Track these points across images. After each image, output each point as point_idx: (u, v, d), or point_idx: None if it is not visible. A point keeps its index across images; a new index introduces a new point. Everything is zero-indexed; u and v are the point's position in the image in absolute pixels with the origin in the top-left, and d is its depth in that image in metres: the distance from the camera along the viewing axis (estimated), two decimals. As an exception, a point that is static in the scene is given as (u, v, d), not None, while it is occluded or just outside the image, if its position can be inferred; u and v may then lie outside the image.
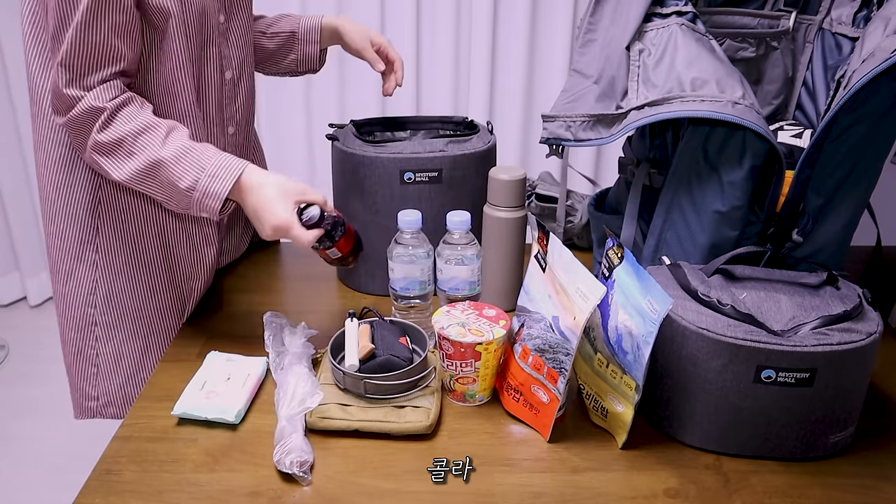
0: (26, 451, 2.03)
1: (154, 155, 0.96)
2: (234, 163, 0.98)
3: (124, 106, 0.98)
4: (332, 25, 1.29)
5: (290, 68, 1.34)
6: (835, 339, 0.83)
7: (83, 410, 1.20)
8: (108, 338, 1.15)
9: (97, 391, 1.18)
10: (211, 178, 0.96)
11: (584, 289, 0.85)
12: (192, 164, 0.96)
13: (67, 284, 1.13)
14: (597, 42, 1.09)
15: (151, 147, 0.97)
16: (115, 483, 0.85)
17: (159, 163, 0.96)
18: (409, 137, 1.32)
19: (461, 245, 1.07)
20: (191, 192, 0.97)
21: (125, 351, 1.17)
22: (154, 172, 0.97)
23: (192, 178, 0.96)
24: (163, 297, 1.17)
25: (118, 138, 0.97)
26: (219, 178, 0.96)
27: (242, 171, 0.98)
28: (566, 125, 1.04)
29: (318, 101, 2.37)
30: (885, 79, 0.90)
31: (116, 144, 0.97)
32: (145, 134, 0.97)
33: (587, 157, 2.43)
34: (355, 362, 0.95)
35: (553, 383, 0.90)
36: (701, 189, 1.01)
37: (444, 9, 2.25)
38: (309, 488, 0.84)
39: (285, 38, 1.29)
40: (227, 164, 0.97)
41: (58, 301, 1.17)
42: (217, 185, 0.96)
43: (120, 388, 1.18)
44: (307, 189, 1.00)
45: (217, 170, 0.97)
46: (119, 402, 1.19)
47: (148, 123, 0.98)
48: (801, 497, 0.84)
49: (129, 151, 0.97)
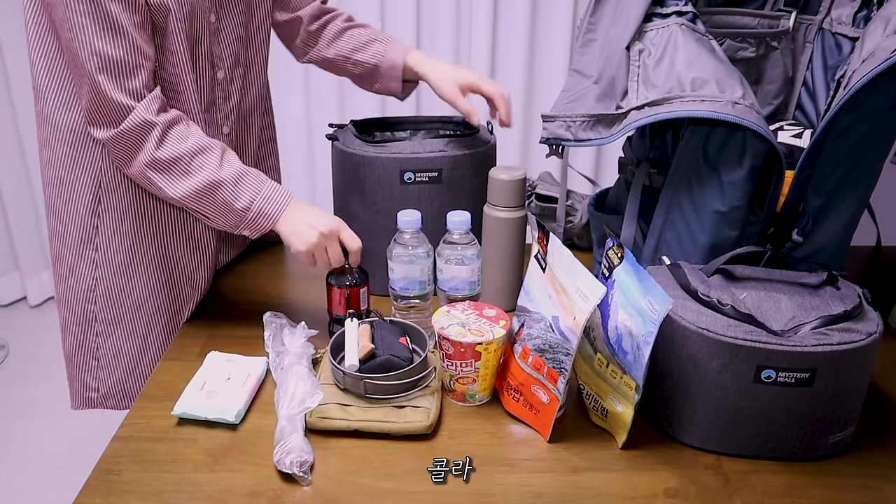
0: (26, 451, 2.03)
1: (214, 176, 1.00)
2: (283, 189, 1.05)
3: (176, 123, 1.01)
4: (416, 68, 1.25)
5: (379, 92, 1.33)
6: (835, 339, 0.83)
7: (83, 401, 1.22)
8: (108, 333, 1.17)
9: (98, 383, 1.20)
10: (265, 201, 1.03)
11: (584, 289, 0.85)
12: (248, 186, 1.02)
13: (69, 280, 1.15)
14: (597, 42, 1.09)
15: (210, 167, 1.01)
16: (115, 483, 0.85)
17: (219, 184, 1.01)
18: (409, 137, 1.32)
19: (461, 245, 1.07)
20: (245, 213, 1.03)
21: (124, 347, 1.18)
22: (211, 192, 1.01)
23: (248, 199, 1.02)
24: (162, 296, 1.17)
25: (176, 156, 1.00)
26: (272, 202, 1.03)
27: (292, 197, 1.05)
28: (566, 125, 1.04)
29: (318, 101, 2.36)
30: (885, 79, 0.90)
31: (173, 162, 1.00)
32: (202, 154, 1.01)
33: (587, 157, 2.43)
34: (355, 362, 0.95)
35: (553, 383, 0.90)
36: (701, 189, 1.01)
37: (444, 9, 2.25)
38: (309, 488, 0.84)
39: (369, 70, 1.28)
40: (280, 189, 1.05)
41: (59, 296, 1.18)
42: (270, 207, 1.03)
43: (119, 382, 1.19)
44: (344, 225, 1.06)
45: (271, 193, 1.03)
46: (118, 396, 1.21)
47: (203, 143, 1.02)
48: (801, 497, 0.84)
49: (186, 170, 1.01)
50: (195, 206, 1.03)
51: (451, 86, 1.20)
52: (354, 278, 1.08)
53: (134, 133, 0.99)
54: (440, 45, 2.30)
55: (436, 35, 2.29)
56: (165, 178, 1.01)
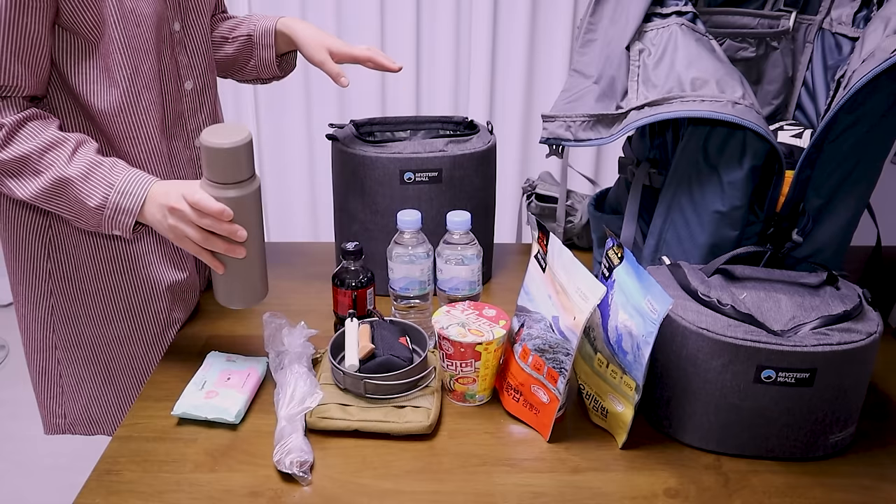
0: (26, 451, 2.03)
1: (60, 173, 0.91)
2: (143, 178, 0.94)
3: (28, 121, 0.93)
4: (286, 30, 1.19)
5: (254, 74, 1.25)
6: (835, 339, 0.83)
7: (52, 427, 1.18)
8: (69, 361, 1.13)
9: (63, 410, 1.16)
10: (120, 195, 0.92)
11: (584, 289, 0.85)
12: (100, 181, 0.92)
13: (27, 308, 1.11)
14: (597, 42, 1.09)
15: (58, 164, 0.92)
16: (115, 483, 0.85)
17: (67, 181, 0.92)
18: (409, 137, 1.32)
19: (461, 245, 1.07)
20: (101, 210, 0.93)
21: (87, 374, 1.14)
22: (61, 191, 0.92)
23: (101, 195, 0.92)
24: (123, 323, 1.12)
25: (22, 155, 0.91)
26: (129, 195, 0.92)
27: (152, 184, 0.94)
28: (566, 125, 1.04)
29: (318, 101, 2.36)
30: (885, 79, 0.90)
31: (21, 163, 0.92)
32: (51, 151, 0.92)
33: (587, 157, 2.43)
34: (355, 362, 0.95)
35: (553, 383, 0.90)
36: (701, 189, 1.01)
37: (444, 9, 2.25)
38: (309, 488, 0.84)
39: (244, 43, 1.21)
40: (136, 180, 0.93)
41: (20, 322, 1.14)
42: (126, 201, 0.92)
43: (84, 409, 1.16)
44: None
45: (126, 185, 0.93)
46: (85, 423, 1.17)
47: (54, 139, 0.92)
48: (801, 497, 0.84)
49: (35, 170, 0.92)
50: (51, 207, 0.94)
51: (319, 51, 1.15)
52: (361, 279, 1.08)
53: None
54: (440, 45, 2.30)
55: (436, 35, 2.29)
56: (14, 180, 0.93)
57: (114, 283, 1.11)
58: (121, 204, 0.92)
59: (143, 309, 1.13)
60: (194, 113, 1.12)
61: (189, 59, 1.09)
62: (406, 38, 2.27)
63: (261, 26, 1.20)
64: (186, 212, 0.89)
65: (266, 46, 1.20)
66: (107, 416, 1.18)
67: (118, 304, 1.11)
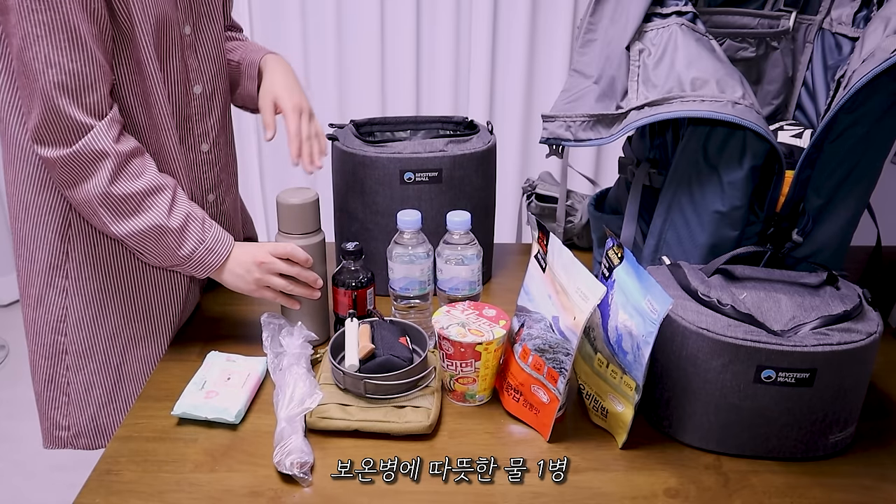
0: (26, 451, 2.03)
1: (161, 221, 0.98)
2: (226, 239, 1.04)
3: (133, 157, 0.97)
4: (262, 68, 1.17)
5: (240, 102, 1.22)
6: (835, 339, 0.83)
7: (53, 440, 1.15)
8: (80, 367, 1.11)
9: (67, 421, 1.13)
10: (207, 252, 1.02)
11: (584, 289, 0.85)
12: (192, 235, 1.01)
13: (37, 310, 1.09)
14: (597, 42, 1.09)
15: (159, 210, 0.98)
16: (115, 483, 0.85)
17: (165, 230, 0.99)
18: (409, 137, 1.32)
19: (461, 245, 1.07)
20: (186, 260, 1.01)
21: (97, 381, 1.12)
22: (156, 236, 0.99)
23: (191, 248, 1.01)
24: (138, 325, 1.12)
25: (128, 194, 0.96)
26: (214, 252, 1.02)
27: (234, 246, 1.04)
28: (566, 125, 1.04)
29: (318, 101, 2.36)
30: (885, 79, 0.90)
31: (124, 200, 0.96)
32: (154, 196, 0.98)
33: (587, 157, 2.43)
34: (355, 362, 0.95)
35: (553, 383, 0.90)
36: (701, 189, 1.01)
37: (444, 9, 2.25)
38: (309, 488, 0.84)
39: (234, 69, 1.19)
40: (222, 239, 1.03)
41: (27, 327, 1.12)
42: (211, 258, 1.02)
43: (91, 419, 1.14)
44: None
45: (214, 244, 1.02)
46: (90, 434, 1.15)
47: (157, 183, 0.99)
48: (801, 497, 0.84)
49: (134, 210, 0.97)
50: (136, 244, 1.00)
51: (265, 95, 1.13)
52: (361, 279, 1.08)
53: (87, 159, 0.93)
54: (440, 45, 2.30)
55: (436, 35, 2.29)
56: (112, 214, 0.97)
57: (132, 286, 1.10)
58: (205, 260, 1.02)
59: (158, 311, 1.13)
60: (202, 117, 1.11)
61: (199, 64, 1.09)
62: (406, 38, 2.27)
63: (249, 58, 1.18)
64: (276, 263, 1.02)
65: (251, 78, 1.18)
66: (112, 427, 1.15)
67: (136, 307, 1.11)
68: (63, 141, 0.93)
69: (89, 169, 0.94)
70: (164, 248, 1.00)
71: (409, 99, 2.35)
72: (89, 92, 0.92)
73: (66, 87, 0.91)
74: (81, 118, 0.92)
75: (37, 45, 0.89)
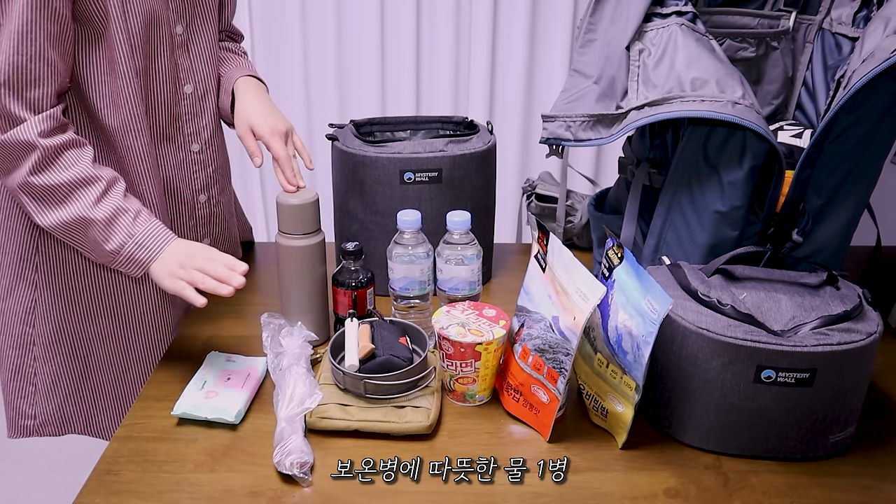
0: (26, 451, 2.03)
1: (85, 213, 0.95)
2: (162, 235, 0.98)
3: (64, 150, 0.95)
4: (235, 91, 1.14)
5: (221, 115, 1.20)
6: (835, 339, 0.83)
7: (18, 429, 1.17)
8: (47, 358, 1.11)
9: (34, 410, 1.14)
10: (137, 247, 0.96)
11: (584, 289, 0.85)
12: (121, 229, 0.96)
13: (7, 301, 1.10)
14: (597, 42, 1.09)
15: (84, 203, 0.95)
16: (115, 483, 0.85)
17: (89, 221, 0.95)
18: (409, 137, 1.32)
19: (461, 245, 1.07)
20: (114, 255, 0.97)
21: (64, 372, 1.13)
22: (81, 228, 0.96)
23: (119, 242, 0.96)
24: (106, 321, 1.12)
25: (52, 185, 0.94)
26: (145, 248, 0.97)
27: (171, 242, 0.98)
28: (566, 125, 1.04)
29: (318, 101, 2.36)
30: (885, 79, 0.90)
31: (48, 191, 0.94)
32: (82, 188, 0.95)
33: (587, 157, 2.43)
34: (355, 362, 0.95)
35: (553, 383, 0.90)
36: (701, 189, 1.01)
37: (444, 9, 2.24)
38: (309, 489, 0.84)
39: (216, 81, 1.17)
40: (156, 234, 0.97)
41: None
42: (141, 254, 0.97)
43: (58, 408, 1.15)
44: None
45: (145, 238, 0.97)
46: (56, 423, 1.16)
47: (87, 175, 0.95)
48: (801, 497, 0.84)
49: (60, 200, 0.95)
50: (65, 237, 0.98)
51: (242, 123, 1.11)
52: (361, 279, 1.08)
53: (13, 149, 0.93)
54: (440, 45, 2.30)
55: (436, 35, 2.29)
56: (37, 204, 0.95)
57: (102, 280, 1.10)
58: (135, 255, 0.97)
59: (128, 306, 1.13)
60: (192, 118, 1.11)
61: (190, 64, 1.08)
62: (406, 37, 2.27)
63: (229, 74, 1.17)
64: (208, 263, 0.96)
65: (226, 93, 1.16)
66: (80, 415, 1.17)
67: (104, 300, 1.11)
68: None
69: (15, 159, 0.94)
70: (93, 241, 0.96)
71: (409, 99, 2.35)
72: (31, 87, 0.92)
73: (8, 80, 0.90)
74: (16, 110, 0.92)
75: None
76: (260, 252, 1.43)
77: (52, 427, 1.16)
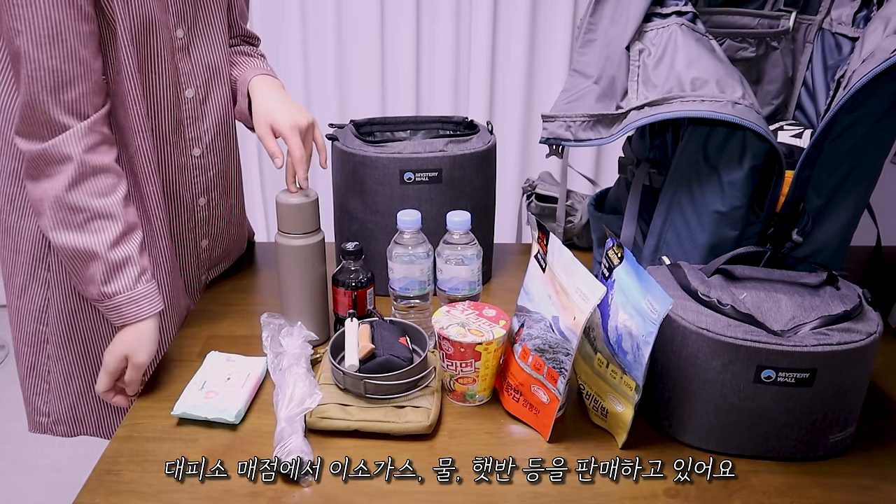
0: (26, 451, 2.03)
1: (99, 249, 0.96)
2: (155, 302, 1.00)
3: (102, 173, 0.96)
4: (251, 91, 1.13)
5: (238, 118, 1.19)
6: (835, 339, 0.83)
7: (35, 425, 1.18)
8: (60, 357, 1.12)
9: (48, 408, 1.15)
10: (130, 302, 0.98)
11: (584, 289, 0.85)
12: (126, 278, 0.97)
13: (21, 300, 1.10)
14: (597, 42, 1.09)
15: (101, 239, 0.96)
16: (115, 483, 0.85)
17: (95, 258, 0.96)
18: (409, 137, 1.32)
19: (461, 245, 1.07)
20: (106, 297, 0.97)
21: (76, 372, 1.13)
22: (87, 259, 0.96)
23: (116, 289, 0.97)
24: None
25: (79, 206, 0.94)
26: (137, 306, 0.98)
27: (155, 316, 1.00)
28: (566, 125, 1.04)
29: (318, 101, 2.36)
30: (885, 79, 0.90)
31: (73, 210, 0.95)
32: (103, 221, 0.96)
33: (587, 157, 2.43)
34: (355, 362, 0.95)
35: (553, 383, 0.90)
36: (701, 189, 1.01)
37: (444, 9, 2.25)
38: (309, 489, 0.84)
39: (233, 83, 1.17)
40: (150, 300, 0.99)
41: (11, 314, 1.14)
42: (131, 310, 0.98)
43: (70, 408, 1.15)
44: None
45: (141, 299, 0.98)
46: (69, 422, 1.16)
47: (112, 212, 0.96)
48: (801, 497, 0.84)
49: (79, 225, 0.95)
50: (64, 258, 0.98)
51: (263, 122, 1.08)
52: (361, 279, 1.08)
53: (52, 159, 0.93)
54: (440, 45, 2.30)
55: (436, 35, 2.29)
56: (56, 220, 0.95)
57: None
58: (122, 307, 0.98)
59: None
60: (194, 122, 1.11)
61: (191, 68, 1.08)
62: (406, 37, 2.27)
63: (243, 76, 1.16)
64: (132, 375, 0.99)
65: (242, 95, 1.15)
66: (91, 417, 1.17)
67: None
68: (37, 135, 0.93)
69: (50, 169, 0.94)
70: (90, 276, 0.97)
71: (409, 99, 2.35)
72: (67, 89, 0.92)
73: (44, 82, 0.90)
74: (58, 116, 0.92)
75: (18, 39, 0.89)
76: (260, 252, 1.43)
77: (65, 427, 1.17)
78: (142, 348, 0.98)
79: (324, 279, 1.10)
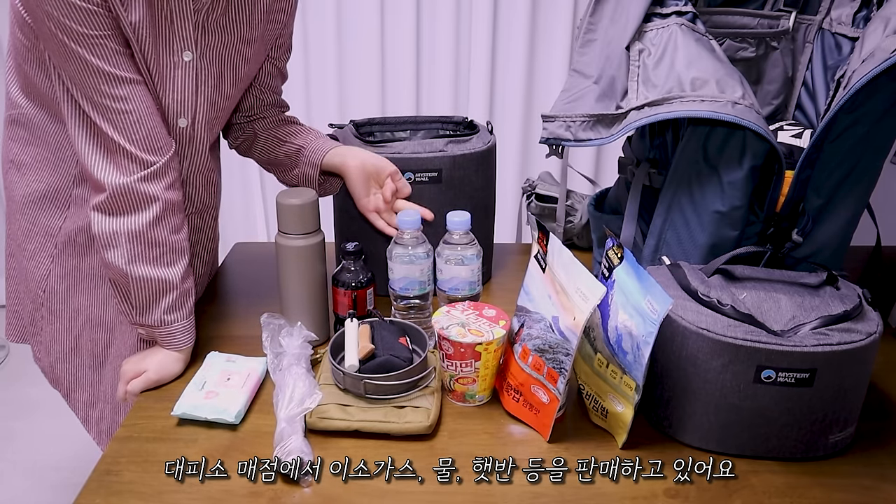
0: (26, 451, 2.03)
1: (174, 279, 1.01)
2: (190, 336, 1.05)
3: (178, 209, 1.02)
4: (336, 160, 1.15)
5: (294, 182, 1.22)
6: (835, 339, 0.83)
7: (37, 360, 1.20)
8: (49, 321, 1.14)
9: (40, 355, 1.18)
10: (183, 330, 1.04)
11: (584, 289, 0.85)
12: (187, 306, 1.04)
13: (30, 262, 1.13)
14: (597, 42, 1.09)
15: (176, 270, 1.02)
16: (115, 483, 0.85)
17: (173, 288, 1.02)
18: (409, 137, 1.32)
19: (461, 245, 1.07)
20: (164, 325, 1.02)
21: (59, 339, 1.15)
22: (162, 289, 1.01)
23: (180, 316, 1.03)
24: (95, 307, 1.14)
25: (157, 242, 1.00)
26: (189, 334, 1.05)
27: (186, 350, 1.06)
28: (566, 125, 1.04)
29: (318, 101, 2.37)
30: (885, 79, 0.90)
31: (151, 245, 0.99)
32: (179, 255, 1.02)
33: (587, 157, 2.43)
34: (355, 362, 0.95)
35: (553, 383, 0.90)
36: (701, 189, 1.01)
37: (444, 9, 2.25)
38: (309, 489, 0.84)
39: (294, 151, 1.20)
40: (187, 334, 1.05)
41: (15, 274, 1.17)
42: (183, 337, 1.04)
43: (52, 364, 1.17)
44: None
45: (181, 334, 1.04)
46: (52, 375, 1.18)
47: (183, 246, 1.03)
48: (801, 497, 0.84)
49: (155, 258, 1.00)
50: (129, 286, 1.00)
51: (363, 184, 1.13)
52: (361, 279, 1.08)
53: (136, 196, 0.97)
54: (440, 45, 2.30)
55: (436, 35, 2.30)
56: (133, 252, 0.99)
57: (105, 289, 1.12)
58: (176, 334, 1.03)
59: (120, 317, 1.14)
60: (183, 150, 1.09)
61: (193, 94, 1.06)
62: (406, 37, 2.28)
63: (315, 144, 1.18)
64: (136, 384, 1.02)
65: (313, 164, 1.18)
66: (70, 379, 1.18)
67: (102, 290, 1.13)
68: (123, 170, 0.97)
69: (135, 205, 0.98)
70: (156, 304, 1.01)
71: (409, 99, 2.35)
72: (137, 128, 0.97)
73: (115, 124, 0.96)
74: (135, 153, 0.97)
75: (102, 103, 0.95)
76: (260, 252, 1.43)
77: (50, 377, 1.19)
78: (165, 370, 1.03)
79: (324, 279, 1.10)
